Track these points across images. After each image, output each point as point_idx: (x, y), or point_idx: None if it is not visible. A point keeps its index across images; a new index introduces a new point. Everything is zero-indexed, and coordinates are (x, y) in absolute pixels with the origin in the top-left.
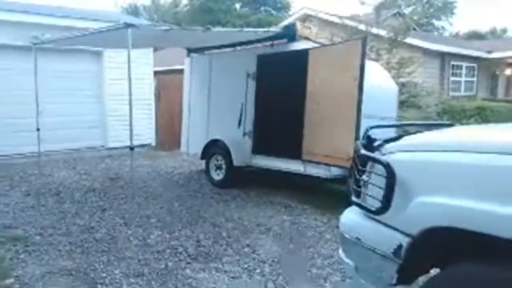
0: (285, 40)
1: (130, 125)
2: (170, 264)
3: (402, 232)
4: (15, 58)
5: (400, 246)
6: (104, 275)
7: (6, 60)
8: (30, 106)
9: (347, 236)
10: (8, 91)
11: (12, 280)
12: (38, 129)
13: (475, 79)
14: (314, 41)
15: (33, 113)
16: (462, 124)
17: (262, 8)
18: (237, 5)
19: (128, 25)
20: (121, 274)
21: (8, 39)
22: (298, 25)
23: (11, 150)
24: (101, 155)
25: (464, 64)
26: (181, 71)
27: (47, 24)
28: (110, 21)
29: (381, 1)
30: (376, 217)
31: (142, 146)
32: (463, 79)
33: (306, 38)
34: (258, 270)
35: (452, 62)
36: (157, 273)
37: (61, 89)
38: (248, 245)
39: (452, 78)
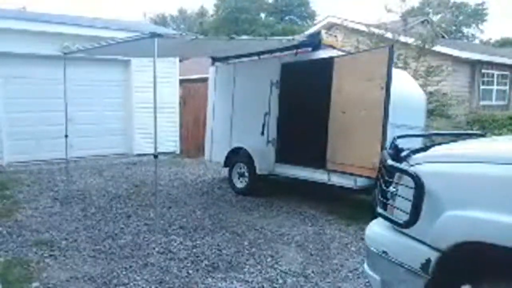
0: (309, 49)
1: (155, 133)
2: (191, 272)
3: (431, 246)
4: (46, 67)
5: (428, 261)
6: (126, 281)
7: (37, 69)
8: (60, 114)
9: (373, 249)
10: (39, 99)
11: (37, 283)
12: (66, 136)
13: (507, 87)
14: (339, 49)
15: (62, 120)
16: (494, 134)
17: (287, 18)
18: (262, 15)
19: (154, 35)
20: (143, 281)
21: (40, 49)
22: (323, 33)
23: (40, 156)
24: (127, 162)
25: (496, 72)
26: (206, 80)
27: (78, 35)
28: (138, 31)
29: (408, 9)
30: (404, 230)
31: (167, 153)
32: (494, 87)
33: (331, 46)
34: (280, 281)
35: (483, 70)
36: (179, 281)
37: (89, 97)
38: (270, 255)
39: (482, 87)
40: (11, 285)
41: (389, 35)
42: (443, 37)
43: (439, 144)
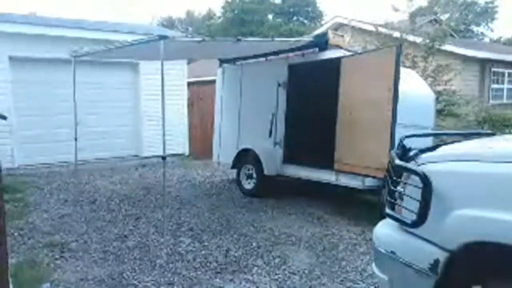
0: (316, 49)
1: (163, 135)
2: (199, 273)
3: (440, 247)
4: (55, 70)
5: (437, 261)
6: (136, 283)
7: (47, 72)
8: (69, 117)
9: (381, 249)
10: (49, 102)
11: (48, 284)
12: (75, 139)
13: None
14: (346, 49)
15: (72, 123)
16: (505, 133)
17: (295, 18)
18: (270, 16)
19: (161, 37)
20: (152, 283)
21: (49, 53)
22: (330, 33)
23: (51, 159)
24: (136, 164)
25: (507, 71)
26: (213, 82)
27: (87, 38)
28: (145, 34)
29: (416, 8)
30: (412, 230)
31: (176, 155)
32: (505, 86)
33: (338, 47)
34: (288, 282)
35: (494, 69)
36: (187, 282)
37: (98, 100)
38: (278, 256)
39: (493, 86)
40: (22, 286)
41: (397, 34)
42: (452, 36)
43: (448, 143)
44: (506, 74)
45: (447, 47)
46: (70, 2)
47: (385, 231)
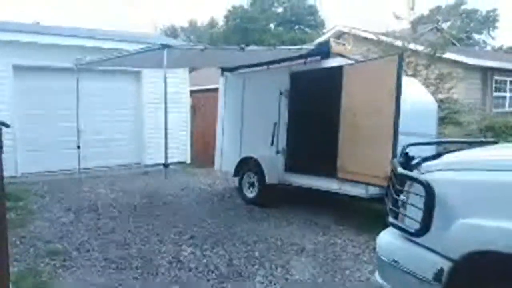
0: (318, 57)
1: (165, 143)
2: (201, 282)
3: (443, 256)
4: (59, 79)
5: (441, 271)
6: None
7: (50, 81)
8: (72, 125)
9: (384, 258)
10: (52, 111)
11: None
12: (78, 147)
13: None
14: (348, 58)
15: (74, 131)
16: (508, 141)
17: (297, 27)
18: (272, 25)
19: (164, 46)
20: None
21: (53, 61)
22: (332, 42)
23: (53, 167)
24: (138, 172)
25: (509, 79)
26: (215, 90)
27: (90, 47)
28: (148, 43)
29: (417, 16)
30: (415, 239)
31: (178, 163)
32: (507, 94)
33: (340, 55)
34: None
35: (496, 77)
36: None
37: (101, 108)
38: (281, 265)
39: (495, 94)
40: None
41: (398, 43)
42: (453, 44)
43: (451, 151)
44: (508, 82)
45: (449, 55)
46: (71, 9)
47: (388, 240)
